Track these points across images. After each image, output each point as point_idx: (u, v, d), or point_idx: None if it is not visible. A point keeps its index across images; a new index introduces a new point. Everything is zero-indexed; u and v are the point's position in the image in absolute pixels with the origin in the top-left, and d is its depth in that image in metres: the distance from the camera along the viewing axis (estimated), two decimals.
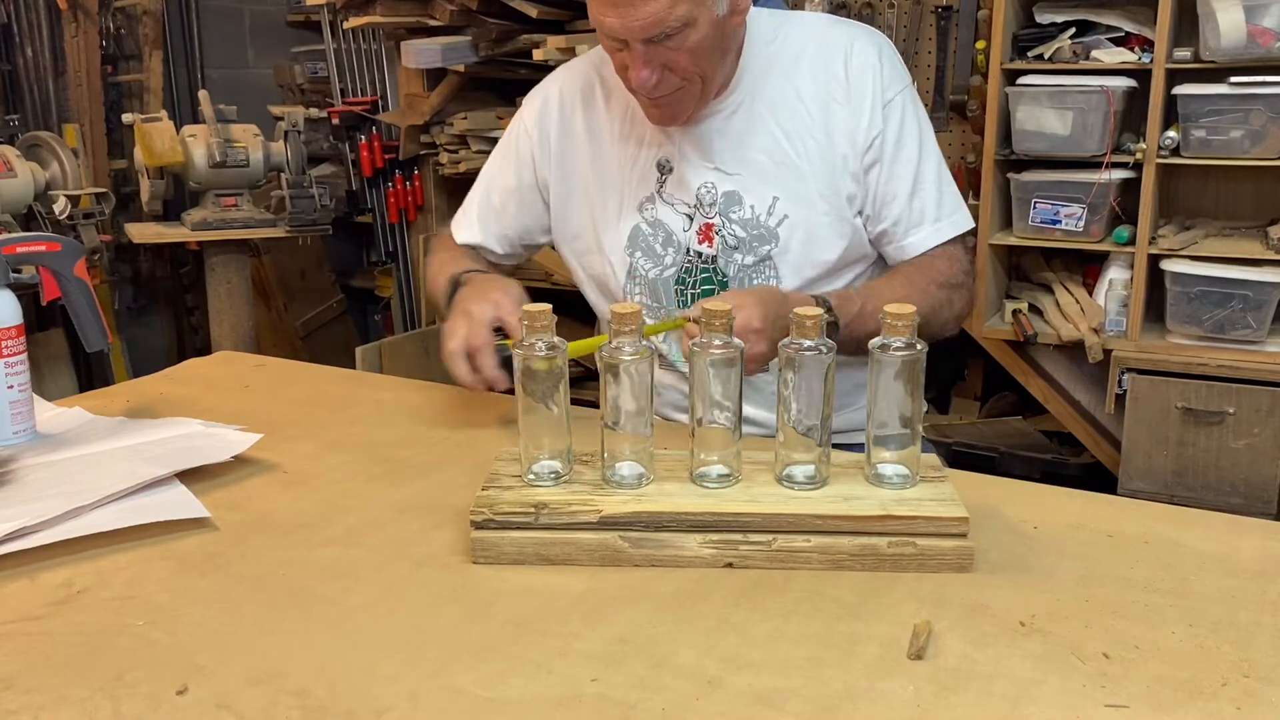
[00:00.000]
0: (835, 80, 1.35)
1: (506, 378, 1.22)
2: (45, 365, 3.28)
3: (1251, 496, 2.41)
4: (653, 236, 1.39)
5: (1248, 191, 2.68)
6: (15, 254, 1.25)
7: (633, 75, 1.25)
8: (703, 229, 1.37)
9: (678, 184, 1.38)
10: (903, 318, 0.97)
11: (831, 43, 1.37)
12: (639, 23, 1.19)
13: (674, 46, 1.22)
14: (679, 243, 1.38)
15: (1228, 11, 2.32)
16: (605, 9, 1.20)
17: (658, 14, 1.18)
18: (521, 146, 1.48)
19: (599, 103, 1.43)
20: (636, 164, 1.40)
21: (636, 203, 1.40)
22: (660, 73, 1.24)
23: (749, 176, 1.36)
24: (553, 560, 0.96)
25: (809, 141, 1.35)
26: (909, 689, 0.77)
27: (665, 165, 1.38)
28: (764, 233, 1.36)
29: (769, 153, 1.35)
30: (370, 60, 3.67)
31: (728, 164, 1.36)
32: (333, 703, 0.76)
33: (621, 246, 1.41)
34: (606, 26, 1.22)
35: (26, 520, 0.99)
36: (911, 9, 2.98)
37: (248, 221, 3.21)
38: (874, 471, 1.01)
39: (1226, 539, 1.01)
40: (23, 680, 0.79)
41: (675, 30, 1.20)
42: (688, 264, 1.39)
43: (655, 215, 1.39)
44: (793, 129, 1.35)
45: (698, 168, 1.37)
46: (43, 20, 3.59)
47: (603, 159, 1.42)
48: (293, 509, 1.09)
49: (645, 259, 1.40)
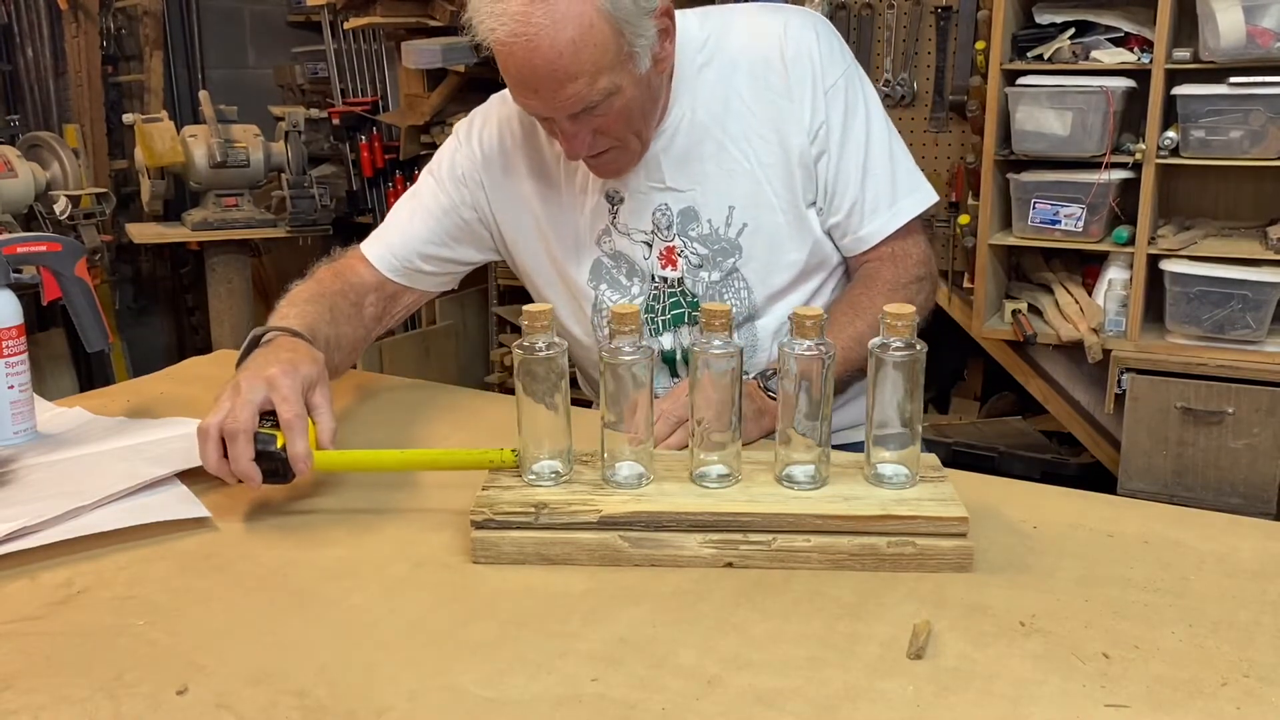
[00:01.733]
0: (773, 73, 1.30)
1: (258, 473, 1.02)
2: (46, 365, 3.28)
3: (1251, 496, 2.41)
4: (615, 269, 1.36)
5: (1247, 191, 2.68)
6: (16, 254, 1.25)
7: (563, 147, 1.22)
8: (664, 253, 1.34)
9: (631, 213, 1.33)
10: (902, 318, 0.97)
11: (765, 34, 1.31)
12: (563, 103, 1.14)
13: (601, 113, 1.18)
14: (643, 271, 1.35)
15: (1227, 12, 2.32)
16: (525, 94, 1.16)
17: (579, 92, 1.13)
18: (460, 165, 1.39)
19: (541, 137, 1.36)
20: (587, 197, 1.35)
21: (594, 236, 1.35)
22: (591, 137, 1.21)
23: (702, 190, 1.31)
24: (553, 560, 0.96)
25: (756, 142, 1.30)
26: (909, 689, 0.77)
27: (615, 196, 1.33)
28: (726, 246, 1.32)
29: (718, 162, 1.31)
30: (370, 60, 3.67)
31: (679, 182, 1.32)
32: (333, 703, 0.76)
33: (584, 281, 1.37)
34: (531, 108, 1.18)
35: (26, 520, 0.99)
36: (911, 9, 2.98)
37: (248, 221, 3.21)
38: (874, 471, 1.01)
39: (1226, 539, 1.01)
40: (23, 680, 0.79)
41: (599, 101, 1.16)
42: (654, 291, 1.35)
43: (614, 247, 1.35)
44: (738, 132, 1.31)
45: (648, 193, 1.32)
46: (43, 20, 3.60)
47: (551, 194, 1.37)
48: (293, 509, 1.09)
49: (611, 290, 1.36)
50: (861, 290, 1.33)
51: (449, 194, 1.40)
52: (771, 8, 1.38)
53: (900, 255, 1.35)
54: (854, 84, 1.33)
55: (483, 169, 1.39)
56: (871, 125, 1.33)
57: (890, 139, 1.35)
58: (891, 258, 1.34)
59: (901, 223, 1.34)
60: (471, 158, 1.39)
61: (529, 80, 1.13)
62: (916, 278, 1.34)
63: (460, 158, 1.40)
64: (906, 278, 1.33)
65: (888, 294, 1.30)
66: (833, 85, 1.31)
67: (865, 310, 1.29)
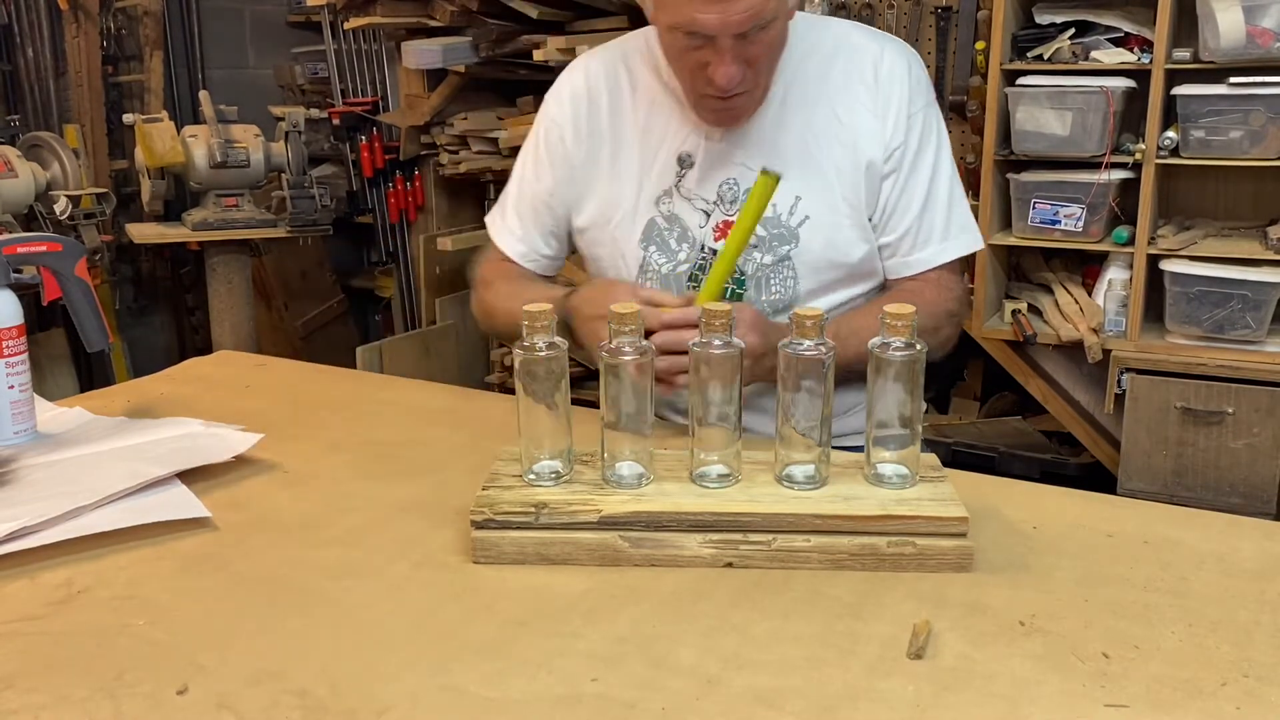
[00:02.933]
0: (865, 86, 1.35)
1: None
2: (46, 365, 3.28)
3: (1251, 496, 2.41)
4: (668, 231, 1.38)
5: (1247, 191, 2.68)
6: (16, 254, 1.25)
7: (718, 72, 1.23)
8: (720, 226, 1.36)
9: (699, 179, 1.37)
10: (902, 318, 0.97)
11: (862, 49, 1.38)
12: (738, 16, 1.18)
13: (756, 41, 1.22)
14: (694, 238, 1.37)
15: (1227, 12, 2.32)
16: (704, 6, 1.18)
17: (755, 6, 1.18)
18: (552, 141, 1.45)
19: (625, 95, 1.41)
20: (657, 157, 1.38)
21: (653, 196, 1.38)
22: (739, 70, 1.23)
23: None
24: (553, 560, 0.96)
25: (835, 145, 1.35)
26: (909, 689, 0.77)
27: (686, 159, 1.37)
28: (784, 232, 1.35)
29: (795, 152, 1.35)
30: (370, 60, 3.67)
31: (753, 159, 1.34)
32: (333, 703, 0.76)
33: (635, 240, 1.39)
34: (700, 24, 1.19)
35: (27, 520, 0.99)
36: (911, 9, 2.98)
37: (248, 222, 3.21)
38: (873, 471, 1.01)
39: (1226, 539, 1.01)
40: (23, 680, 0.79)
41: (766, 23, 1.21)
42: (701, 260, 1.38)
43: (672, 209, 1.38)
44: (821, 130, 1.35)
45: (723, 162, 1.36)
46: (43, 20, 3.60)
47: (623, 151, 1.40)
48: (293, 509, 1.09)
49: (659, 253, 1.39)
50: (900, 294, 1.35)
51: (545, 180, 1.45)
52: (870, 30, 1.43)
53: (944, 285, 1.38)
54: (932, 118, 1.39)
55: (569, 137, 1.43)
56: (940, 160, 1.38)
57: (953, 179, 1.40)
58: (936, 284, 1.38)
59: (951, 257, 1.38)
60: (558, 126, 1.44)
61: None
62: (950, 312, 1.38)
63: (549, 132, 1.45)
64: (945, 307, 1.37)
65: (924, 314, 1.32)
66: (915, 113, 1.36)
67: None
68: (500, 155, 3.24)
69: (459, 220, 3.65)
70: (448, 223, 3.62)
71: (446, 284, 3.60)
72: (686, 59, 1.26)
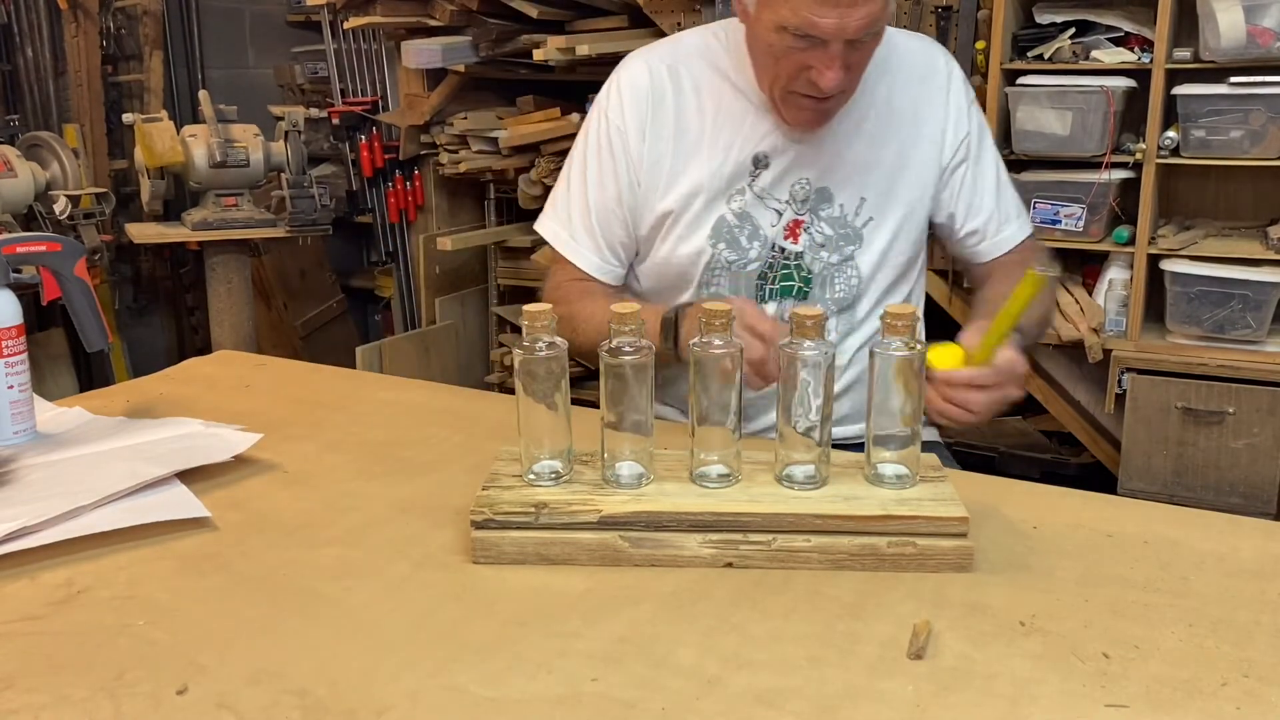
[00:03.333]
0: (928, 86, 1.41)
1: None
2: (45, 365, 3.28)
3: (1251, 496, 2.41)
4: (738, 229, 1.38)
5: (1247, 191, 2.68)
6: (15, 254, 1.25)
7: (824, 76, 1.23)
8: (790, 225, 1.38)
9: (774, 179, 1.37)
10: (902, 317, 0.97)
11: (913, 51, 1.43)
12: (856, 22, 1.19)
13: (863, 47, 1.24)
14: (765, 237, 1.38)
15: (1227, 11, 2.32)
16: (824, 9, 1.18)
17: (874, 13, 1.19)
18: (615, 146, 1.41)
19: (688, 94, 1.39)
20: (729, 156, 1.37)
21: (725, 195, 1.38)
22: (843, 74, 1.24)
23: (843, 175, 1.37)
24: (553, 560, 0.96)
25: (903, 144, 1.39)
26: (909, 689, 0.77)
27: (762, 160, 1.37)
28: (850, 233, 1.38)
29: (863, 154, 1.38)
30: (370, 60, 3.66)
31: (823, 159, 1.37)
32: (333, 703, 0.76)
33: (704, 236, 1.39)
34: (818, 28, 1.19)
35: (26, 520, 0.99)
36: (911, 9, 2.97)
37: (248, 221, 3.21)
38: (874, 471, 1.01)
39: (1226, 539, 1.01)
40: (23, 680, 0.79)
41: (878, 31, 1.23)
42: (771, 259, 1.39)
43: (743, 208, 1.38)
44: (885, 132, 1.38)
45: (799, 164, 1.37)
46: (43, 20, 3.59)
47: (691, 150, 1.39)
48: (293, 509, 1.09)
49: (729, 250, 1.38)
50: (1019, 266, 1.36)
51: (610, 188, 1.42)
52: (905, 31, 1.48)
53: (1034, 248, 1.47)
54: (978, 110, 1.47)
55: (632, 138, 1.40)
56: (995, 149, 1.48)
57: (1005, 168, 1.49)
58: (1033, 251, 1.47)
59: (1029, 231, 1.47)
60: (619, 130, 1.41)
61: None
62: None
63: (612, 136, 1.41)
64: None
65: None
66: (970, 104, 1.45)
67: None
68: (500, 155, 3.24)
69: (459, 220, 3.65)
70: (447, 222, 3.62)
71: (446, 284, 3.60)
72: (789, 58, 1.25)
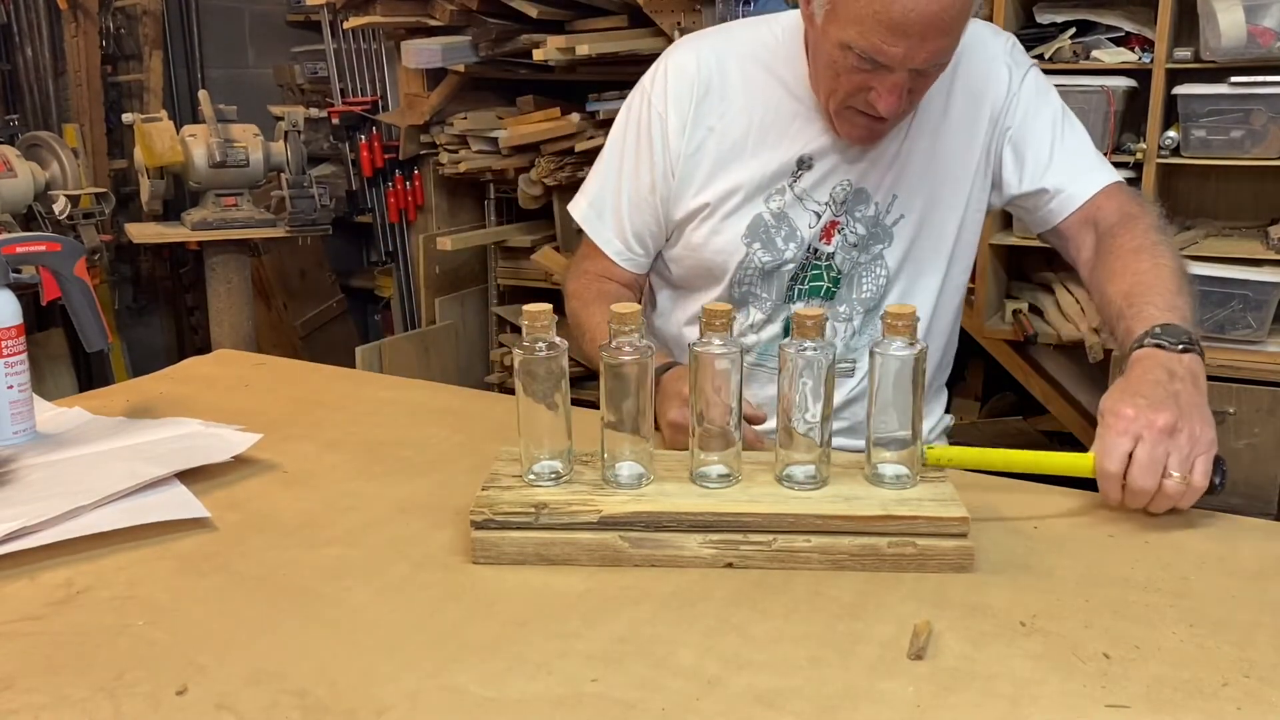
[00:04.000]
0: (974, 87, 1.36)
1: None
2: (45, 365, 3.28)
3: (1252, 497, 2.41)
4: (775, 229, 1.36)
5: (1248, 191, 2.67)
6: (15, 254, 1.25)
7: (883, 101, 1.20)
8: (827, 226, 1.37)
9: (815, 181, 1.36)
10: (902, 317, 0.97)
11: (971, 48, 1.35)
12: (925, 54, 1.16)
13: (929, 75, 1.21)
14: (801, 238, 1.36)
15: (1228, 11, 2.31)
16: (892, 39, 1.14)
17: (945, 47, 1.17)
18: (655, 133, 1.39)
19: (736, 89, 1.37)
20: (774, 156, 1.36)
21: (765, 193, 1.36)
22: (907, 99, 1.23)
23: (879, 173, 1.35)
24: (553, 560, 0.96)
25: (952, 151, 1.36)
26: (909, 689, 0.77)
27: (806, 161, 1.35)
28: (880, 231, 1.37)
29: (899, 149, 1.35)
30: (370, 60, 3.66)
31: (864, 160, 1.35)
32: (333, 703, 0.76)
33: (739, 234, 1.37)
34: (885, 55, 1.16)
35: (26, 520, 0.99)
36: None
37: (248, 221, 3.20)
38: (874, 471, 1.01)
39: (1226, 539, 1.01)
40: (23, 680, 0.79)
41: (945, 61, 1.20)
42: (805, 260, 1.38)
43: (782, 208, 1.36)
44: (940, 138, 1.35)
45: (843, 168, 1.35)
46: (43, 20, 3.59)
47: (732, 148, 1.37)
48: (293, 509, 1.09)
49: (763, 250, 1.37)
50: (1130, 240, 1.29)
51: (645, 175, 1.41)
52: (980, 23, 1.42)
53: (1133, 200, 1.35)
54: (1037, 80, 1.39)
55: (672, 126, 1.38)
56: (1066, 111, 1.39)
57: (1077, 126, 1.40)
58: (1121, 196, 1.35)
59: (1114, 178, 1.36)
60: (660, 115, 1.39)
61: (913, 25, 1.12)
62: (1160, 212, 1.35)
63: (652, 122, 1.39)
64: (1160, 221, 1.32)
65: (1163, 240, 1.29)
66: (1025, 72, 1.38)
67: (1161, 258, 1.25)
68: (500, 155, 3.24)
69: (459, 220, 3.65)
70: (447, 222, 3.62)
71: (446, 283, 3.60)
72: (850, 78, 1.22)
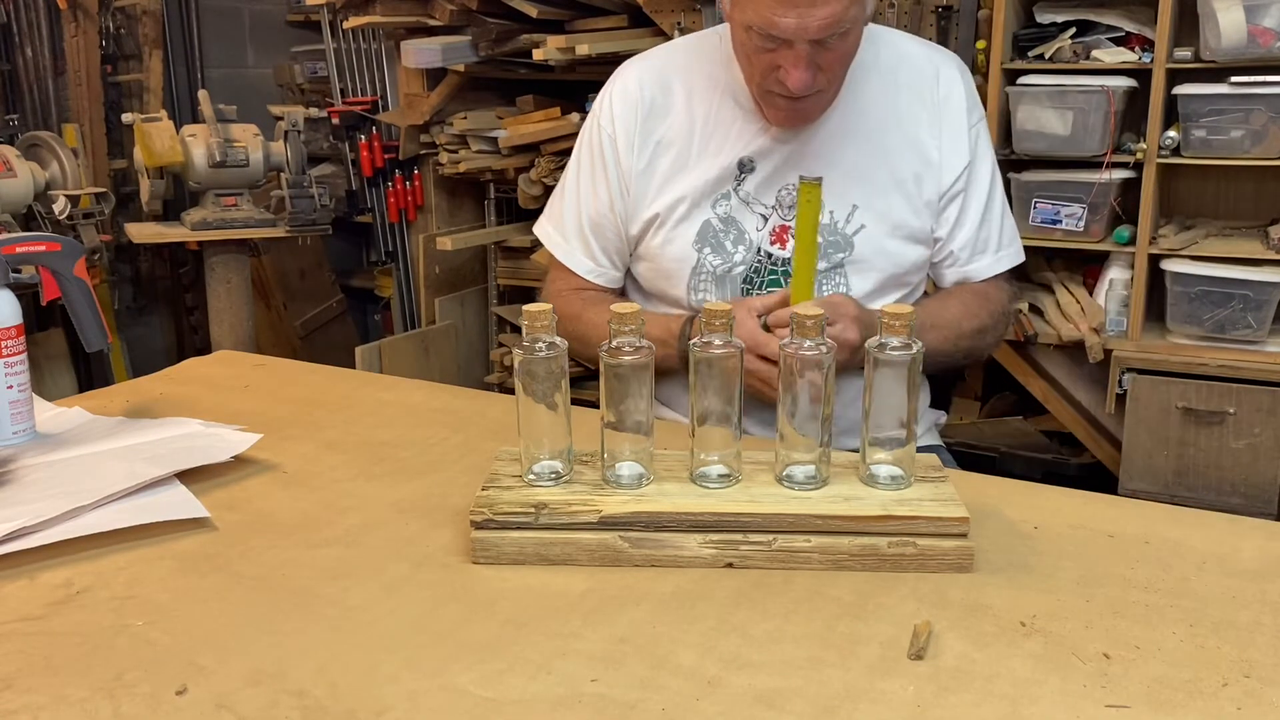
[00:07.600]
0: (925, 103, 1.39)
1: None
2: (45, 365, 3.28)
3: (1252, 496, 2.41)
4: (723, 233, 1.38)
5: (1248, 191, 2.67)
6: (15, 254, 1.25)
7: (790, 76, 1.23)
8: (777, 230, 1.37)
9: (759, 183, 1.38)
10: (900, 318, 0.97)
11: (921, 63, 1.41)
12: (817, 23, 1.18)
13: (832, 48, 1.23)
14: (750, 241, 1.38)
15: (1228, 11, 2.31)
16: (783, 9, 1.18)
17: (836, 14, 1.18)
18: (606, 154, 1.44)
19: (678, 100, 1.41)
20: (716, 160, 1.38)
21: (710, 199, 1.38)
22: (812, 74, 1.24)
23: (834, 182, 1.35)
24: (553, 560, 0.96)
25: (893, 155, 1.37)
26: (909, 689, 0.77)
27: (748, 164, 1.37)
28: (840, 240, 1.37)
29: (855, 161, 1.37)
30: (370, 60, 3.66)
31: (814, 166, 1.35)
32: (333, 703, 0.76)
33: (690, 241, 1.39)
34: (778, 27, 1.19)
35: (26, 520, 0.99)
36: (912, 9, 2.97)
37: (247, 221, 3.20)
38: (868, 472, 1.01)
39: (1226, 539, 1.01)
40: (23, 680, 0.79)
41: (844, 30, 1.21)
42: (757, 263, 1.39)
43: (729, 212, 1.38)
44: (881, 141, 1.37)
45: (784, 169, 1.37)
46: (42, 20, 3.59)
47: (679, 156, 1.40)
48: (292, 509, 1.09)
49: (713, 255, 1.39)
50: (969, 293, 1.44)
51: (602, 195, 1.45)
52: (919, 40, 1.46)
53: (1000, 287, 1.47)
54: (983, 131, 1.43)
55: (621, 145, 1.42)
56: (995, 175, 1.45)
57: (1003, 194, 1.46)
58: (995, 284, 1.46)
59: (1005, 268, 1.46)
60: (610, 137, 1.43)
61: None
62: (1007, 313, 1.46)
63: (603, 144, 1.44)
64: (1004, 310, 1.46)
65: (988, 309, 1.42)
66: (974, 126, 1.41)
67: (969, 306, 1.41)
68: (500, 155, 3.24)
69: (458, 220, 3.65)
70: (447, 222, 3.62)
71: (446, 284, 3.60)
72: (759, 58, 1.26)
